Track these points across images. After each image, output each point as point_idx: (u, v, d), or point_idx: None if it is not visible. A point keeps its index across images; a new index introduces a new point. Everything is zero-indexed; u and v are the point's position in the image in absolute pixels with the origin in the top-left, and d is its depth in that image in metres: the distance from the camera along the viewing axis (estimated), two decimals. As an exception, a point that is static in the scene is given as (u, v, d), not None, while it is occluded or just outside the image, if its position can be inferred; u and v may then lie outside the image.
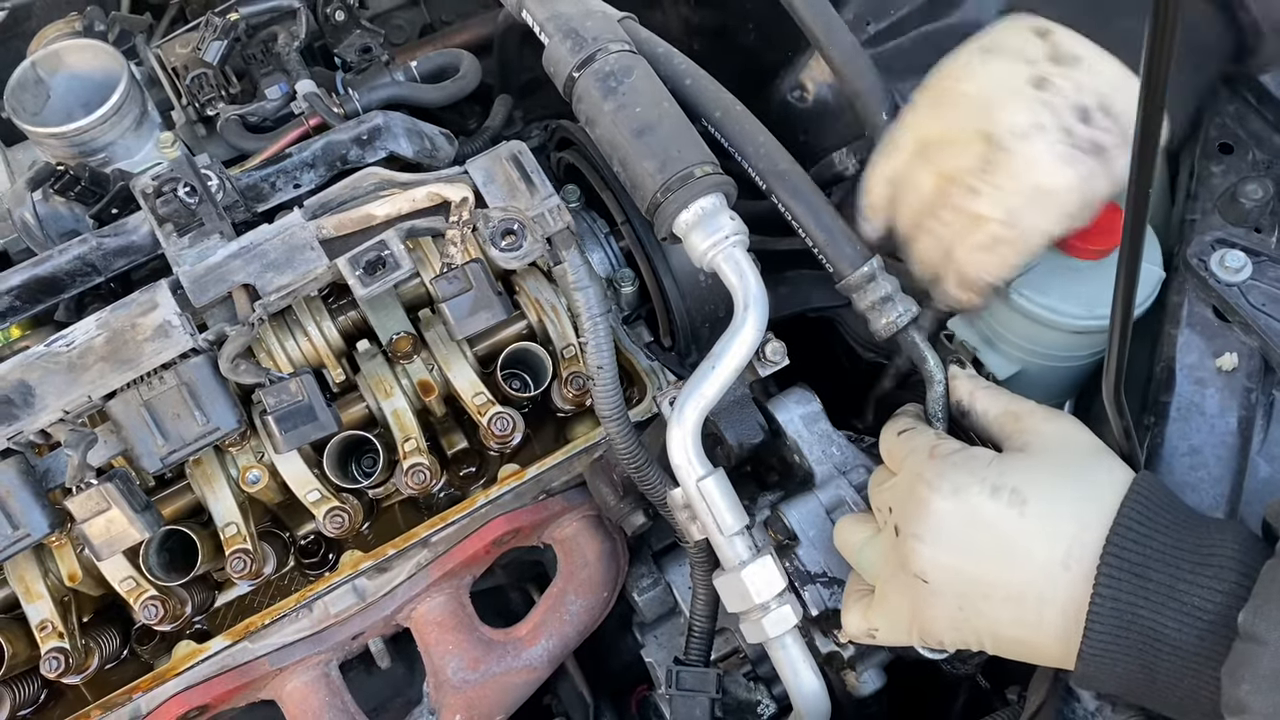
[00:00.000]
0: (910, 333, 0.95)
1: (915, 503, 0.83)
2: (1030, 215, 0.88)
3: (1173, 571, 0.73)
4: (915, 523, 0.83)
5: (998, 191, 0.88)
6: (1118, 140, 0.86)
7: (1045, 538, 0.78)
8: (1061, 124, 0.86)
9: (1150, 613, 0.73)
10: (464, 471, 1.19)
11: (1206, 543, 0.74)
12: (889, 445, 0.92)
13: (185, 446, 0.99)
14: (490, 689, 1.10)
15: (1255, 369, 0.97)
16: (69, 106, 1.21)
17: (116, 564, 1.05)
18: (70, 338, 1.00)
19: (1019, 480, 0.81)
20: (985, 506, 0.80)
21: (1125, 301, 0.75)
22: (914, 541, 0.82)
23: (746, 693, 1.13)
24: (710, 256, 0.95)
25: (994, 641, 0.82)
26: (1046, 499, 0.80)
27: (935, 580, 0.82)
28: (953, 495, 0.82)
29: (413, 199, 1.04)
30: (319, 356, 1.11)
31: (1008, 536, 0.79)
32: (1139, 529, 0.75)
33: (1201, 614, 0.71)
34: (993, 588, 0.80)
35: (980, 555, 0.80)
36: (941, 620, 0.83)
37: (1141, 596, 0.73)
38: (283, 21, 1.32)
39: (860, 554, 0.91)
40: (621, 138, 0.98)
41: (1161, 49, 0.56)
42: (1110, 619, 0.74)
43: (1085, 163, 0.86)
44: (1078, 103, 0.87)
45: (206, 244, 1.03)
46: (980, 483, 0.81)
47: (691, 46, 1.54)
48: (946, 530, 0.81)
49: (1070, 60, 0.88)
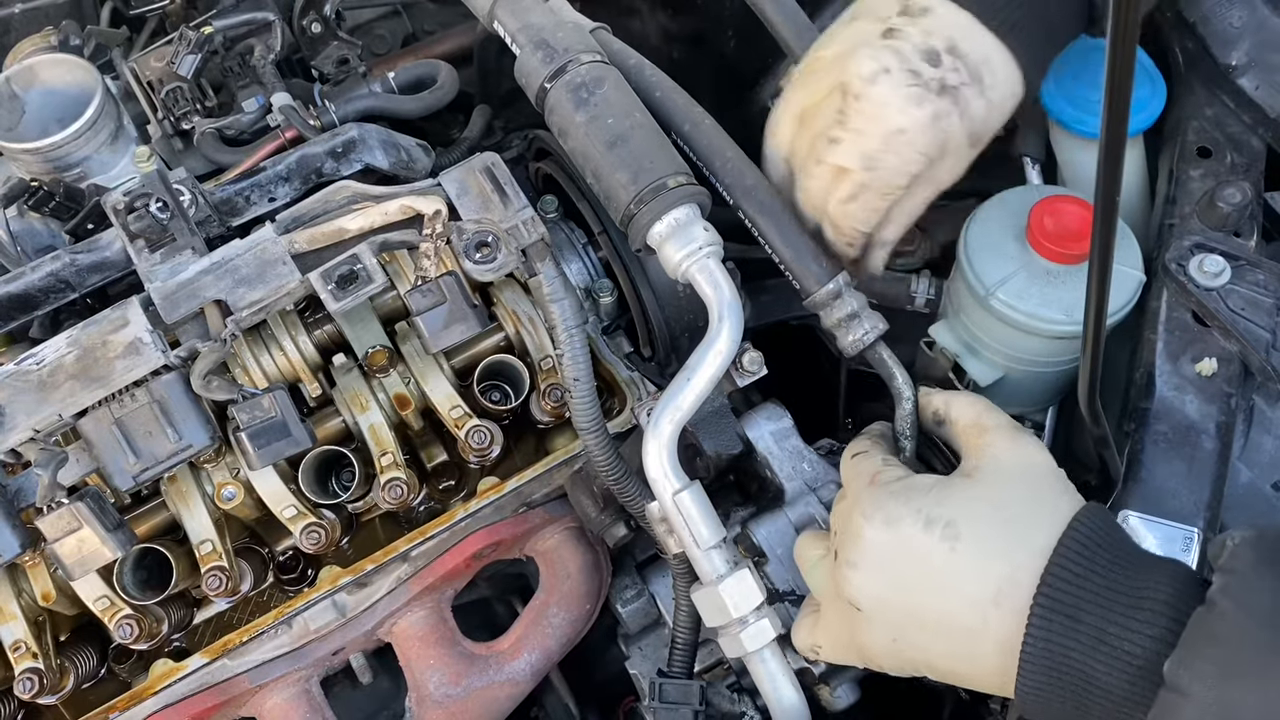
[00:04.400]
0: (878, 349, 0.95)
1: (851, 531, 0.83)
2: (887, 158, 0.91)
3: (1105, 614, 0.72)
4: (850, 550, 0.83)
5: (856, 137, 0.91)
6: (965, 79, 0.90)
7: (976, 575, 0.77)
8: (908, 66, 0.90)
9: (1081, 656, 0.72)
10: (443, 485, 1.19)
11: (1140, 585, 0.72)
12: (844, 467, 0.92)
13: (158, 464, 0.98)
14: (473, 703, 1.09)
15: (1235, 374, 0.96)
16: (44, 122, 1.20)
17: (90, 583, 1.04)
18: (40, 356, 1.00)
19: (955, 513, 0.80)
20: (917, 539, 0.80)
21: (1097, 309, 0.74)
22: (848, 569, 0.83)
23: (730, 704, 1.11)
24: (684, 268, 0.95)
25: (932, 671, 0.82)
26: (979, 536, 0.79)
27: (868, 609, 0.82)
28: (884, 526, 0.81)
29: (385, 212, 1.04)
30: (294, 371, 1.10)
31: (938, 571, 0.79)
32: (1074, 569, 0.74)
33: (1131, 659, 0.70)
34: (925, 620, 0.80)
35: (911, 588, 0.80)
36: (878, 647, 0.83)
37: (1073, 639, 0.72)
38: (259, 34, 1.31)
39: (811, 572, 0.92)
40: (594, 149, 0.97)
41: (1123, 50, 0.56)
42: (1042, 660, 0.73)
43: (935, 102, 0.90)
44: (924, 46, 0.90)
45: (178, 260, 1.03)
46: (915, 514, 0.81)
47: (670, 54, 1.54)
48: (878, 560, 0.81)
49: (919, 11, 0.92)
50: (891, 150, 0.91)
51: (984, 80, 0.91)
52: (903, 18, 0.92)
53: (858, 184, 0.92)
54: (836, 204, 0.94)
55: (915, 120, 0.90)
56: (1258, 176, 1.07)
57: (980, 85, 0.91)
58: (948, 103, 0.90)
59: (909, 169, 0.92)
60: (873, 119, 0.90)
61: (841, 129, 0.91)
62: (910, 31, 0.91)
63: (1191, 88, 1.13)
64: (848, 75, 0.91)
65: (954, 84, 0.90)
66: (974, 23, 0.91)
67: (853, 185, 0.92)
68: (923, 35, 0.91)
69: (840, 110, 0.91)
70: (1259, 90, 1.08)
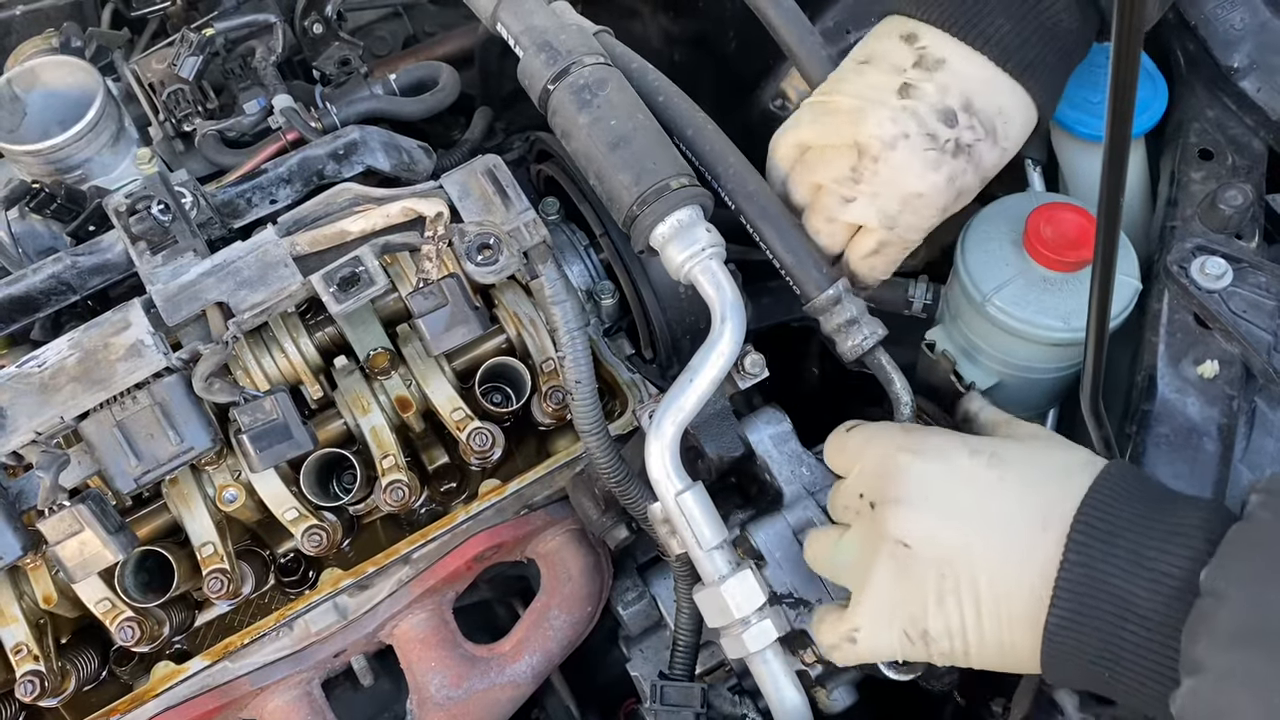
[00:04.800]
0: (877, 355, 0.95)
1: (894, 470, 0.84)
2: (906, 217, 0.95)
3: (1141, 538, 0.73)
4: (896, 488, 0.83)
5: (873, 199, 0.93)
6: (980, 135, 0.93)
7: (1024, 501, 0.79)
8: (926, 130, 0.92)
9: (1119, 578, 0.72)
10: (445, 487, 1.19)
11: (1174, 512, 0.74)
12: (839, 443, 0.91)
13: (159, 467, 0.98)
14: (474, 706, 1.09)
15: (1236, 376, 0.96)
16: (45, 123, 1.20)
17: (92, 585, 1.04)
18: (42, 358, 0.99)
19: (998, 448, 0.83)
20: (966, 467, 0.82)
21: (1100, 308, 0.74)
22: (895, 506, 0.82)
23: (732, 706, 1.12)
24: (687, 269, 0.95)
25: (974, 616, 0.80)
26: (1025, 465, 0.82)
27: (917, 543, 0.81)
28: (934, 456, 0.83)
29: (387, 214, 1.03)
30: (296, 373, 1.10)
31: (989, 497, 0.80)
32: (1110, 499, 0.76)
33: (1168, 579, 0.71)
34: (974, 550, 0.79)
35: (962, 515, 0.80)
36: (925, 594, 0.81)
37: (1111, 562, 0.73)
38: (260, 36, 1.32)
39: (835, 555, 0.89)
40: (597, 151, 0.97)
41: (1127, 63, 0.56)
42: (1080, 584, 0.74)
43: (951, 164, 0.93)
44: (941, 106, 0.92)
45: (180, 262, 1.03)
46: (961, 444, 0.84)
47: (671, 56, 1.54)
48: (927, 492, 0.82)
49: (935, 64, 0.93)
50: (910, 210, 0.94)
51: (998, 132, 0.94)
52: (918, 70, 0.93)
53: (879, 241, 0.97)
54: (859, 260, 0.98)
55: (933, 184, 0.93)
56: (1259, 179, 1.07)
57: (994, 138, 0.94)
58: (963, 162, 0.93)
59: (926, 225, 0.96)
60: (891, 183, 0.93)
61: (855, 188, 0.94)
62: (927, 89, 0.93)
63: (1193, 89, 1.13)
64: (865, 136, 0.93)
65: (969, 142, 0.93)
66: (990, 71, 0.93)
67: (874, 242, 0.97)
68: (939, 93, 0.93)
69: (855, 169, 0.94)
70: (1260, 92, 1.08)
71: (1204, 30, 1.11)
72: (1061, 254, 0.97)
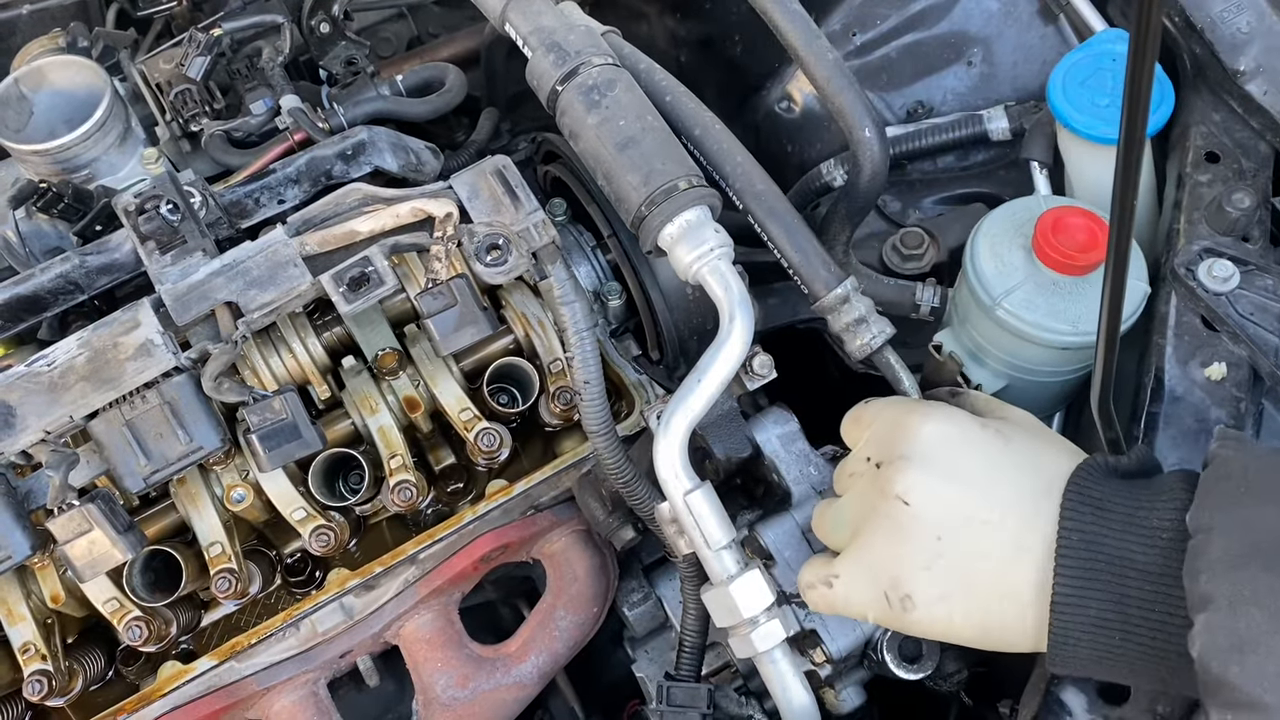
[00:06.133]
0: (885, 354, 0.96)
1: (903, 430, 0.83)
2: None
3: (1131, 502, 0.75)
4: (902, 446, 0.82)
5: None
6: None
7: (1029, 467, 0.80)
8: None
9: (1115, 539, 0.74)
10: (451, 487, 1.19)
11: (1159, 480, 0.77)
12: (855, 414, 0.91)
13: (168, 466, 0.98)
14: (480, 706, 1.09)
15: (1244, 378, 0.96)
16: (52, 123, 1.20)
17: (100, 585, 1.04)
18: (51, 357, 0.99)
19: (1003, 425, 0.84)
20: (975, 431, 0.82)
21: (1111, 315, 0.75)
22: (900, 463, 0.82)
23: (738, 708, 1.11)
24: (695, 269, 0.95)
25: (967, 583, 0.79)
26: (1028, 437, 0.83)
27: (917, 503, 0.80)
28: (944, 419, 0.83)
29: (397, 214, 1.04)
30: (304, 373, 1.10)
31: (994, 462, 0.81)
32: (1096, 472, 0.78)
33: (1162, 533, 0.72)
34: (975, 512, 0.79)
35: (966, 478, 0.80)
36: (917, 556, 0.80)
37: (1105, 525, 0.74)
38: (267, 36, 1.32)
39: (836, 514, 0.87)
40: (605, 151, 0.97)
41: (1143, 68, 0.56)
42: (1080, 550, 0.74)
43: None
44: None
45: (189, 261, 1.03)
46: (969, 414, 0.85)
47: (677, 58, 1.54)
48: (933, 453, 0.81)
49: None
50: None
51: None
52: None
53: None
54: None
55: None
56: (1266, 181, 1.07)
57: None
58: None
59: None
60: None
61: None
62: None
63: (1199, 92, 1.13)
64: None
65: None
66: None
67: None
68: None
69: None
70: (1267, 95, 1.08)
71: (1210, 33, 1.11)
72: (1071, 258, 0.97)
